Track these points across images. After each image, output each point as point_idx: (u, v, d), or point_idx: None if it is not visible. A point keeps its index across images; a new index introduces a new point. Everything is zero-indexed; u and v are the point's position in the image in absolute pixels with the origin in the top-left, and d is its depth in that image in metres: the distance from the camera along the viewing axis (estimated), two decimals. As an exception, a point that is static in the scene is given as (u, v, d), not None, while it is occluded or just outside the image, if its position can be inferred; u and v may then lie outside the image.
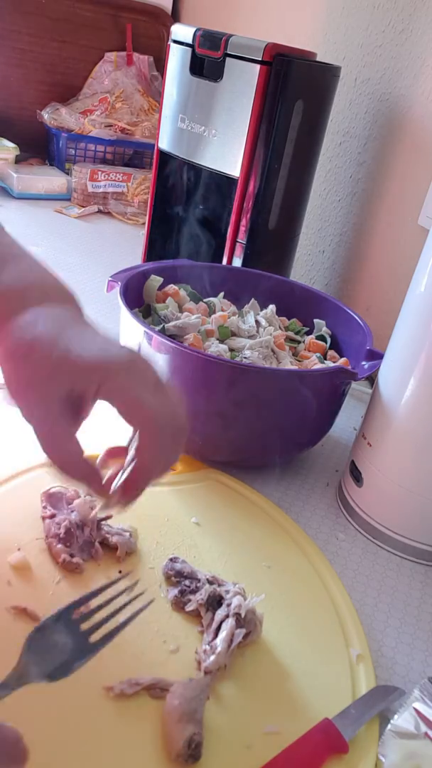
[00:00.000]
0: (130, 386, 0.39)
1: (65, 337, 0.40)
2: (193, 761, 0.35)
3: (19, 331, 0.40)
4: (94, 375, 0.38)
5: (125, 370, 0.39)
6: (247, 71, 0.77)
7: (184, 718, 0.37)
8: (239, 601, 0.44)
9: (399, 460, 0.56)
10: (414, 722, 0.41)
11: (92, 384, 0.38)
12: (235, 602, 0.44)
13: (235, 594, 0.45)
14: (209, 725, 0.38)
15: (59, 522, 0.49)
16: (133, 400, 0.38)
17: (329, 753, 0.38)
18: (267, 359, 0.65)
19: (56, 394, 0.38)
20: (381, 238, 0.93)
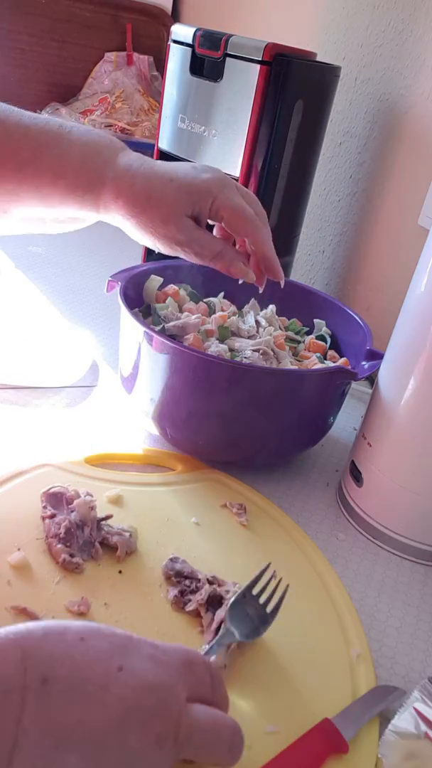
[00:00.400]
0: (231, 201, 0.51)
1: (163, 174, 0.51)
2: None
3: (128, 185, 0.50)
4: (204, 196, 0.51)
5: (224, 186, 0.52)
6: (247, 71, 0.77)
7: None
8: None
9: (399, 460, 0.56)
10: (414, 722, 0.41)
11: (207, 202, 0.51)
12: None
13: (235, 594, 0.45)
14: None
15: (59, 522, 0.49)
16: (238, 211, 0.52)
17: (329, 753, 0.38)
18: (267, 359, 0.65)
19: (185, 216, 0.51)
20: (381, 238, 0.93)
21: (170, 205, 0.50)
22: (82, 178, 0.50)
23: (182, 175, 0.51)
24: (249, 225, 0.52)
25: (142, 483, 0.58)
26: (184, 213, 0.51)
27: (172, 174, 0.51)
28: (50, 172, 0.49)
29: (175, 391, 0.59)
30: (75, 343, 0.80)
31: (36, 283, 0.96)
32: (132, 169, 0.51)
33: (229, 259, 0.53)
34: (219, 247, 0.53)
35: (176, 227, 0.51)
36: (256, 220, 0.52)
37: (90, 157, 0.50)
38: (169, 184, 0.50)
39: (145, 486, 0.58)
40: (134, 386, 0.63)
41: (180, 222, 0.51)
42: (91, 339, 0.83)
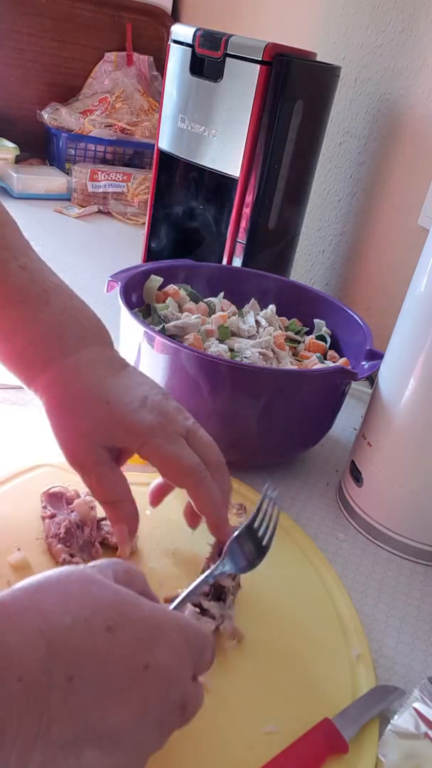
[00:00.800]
0: (167, 448, 0.43)
1: (106, 391, 0.43)
2: None
3: (63, 384, 0.44)
4: (134, 436, 0.43)
5: (161, 430, 0.43)
6: (247, 71, 0.77)
7: None
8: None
9: (399, 460, 0.56)
10: (414, 722, 0.41)
11: (134, 443, 0.43)
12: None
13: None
14: (209, 725, 0.38)
15: (59, 522, 0.49)
16: (171, 460, 0.43)
17: (329, 753, 0.38)
18: (267, 359, 0.65)
19: (101, 446, 0.43)
20: (381, 238, 0.93)
21: (89, 426, 0.43)
22: (27, 356, 0.44)
23: (124, 403, 0.43)
24: (185, 477, 0.43)
25: (143, 483, 0.58)
26: (102, 443, 0.43)
27: (114, 395, 0.43)
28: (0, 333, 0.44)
29: (175, 391, 0.59)
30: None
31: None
32: (78, 370, 0.44)
33: (120, 514, 0.44)
34: (118, 496, 0.44)
35: (86, 452, 0.43)
36: (196, 473, 0.43)
37: (47, 339, 0.44)
38: (102, 406, 0.43)
39: (145, 486, 0.57)
40: (134, 386, 0.63)
41: (92, 449, 0.43)
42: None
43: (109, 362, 0.46)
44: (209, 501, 0.44)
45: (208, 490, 0.44)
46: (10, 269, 0.45)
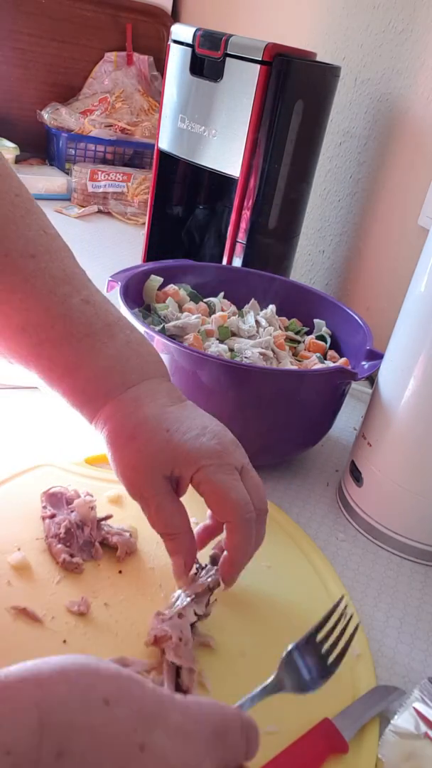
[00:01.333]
0: (218, 477, 0.42)
1: (166, 420, 0.43)
2: None
3: (124, 413, 0.44)
4: (191, 462, 0.42)
5: (217, 458, 0.42)
6: (247, 71, 0.77)
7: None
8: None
9: (399, 460, 0.56)
10: (414, 722, 0.41)
11: (190, 469, 0.42)
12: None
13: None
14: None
15: (59, 522, 0.49)
16: (221, 491, 0.42)
17: (329, 753, 0.38)
18: (267, 359, 0.65)
19: (160, 474, 0.42)
20: (381, 238, 0.93)
21: (149, 456, 0.42)
22: (90, 390, 0.45)
23: (183, 431, 0.43)
24: (231, 510, 0.42)
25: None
26: (161, 471, 0.42)
27: (175, 425, 0.43)
28: (63, 368, 0.44)
29: (175, 391, 0.59)
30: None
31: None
32: (139, 400, 0.44)
33: (178, 546, 0.43)
34: (177, 528, 0.43)
35: (146, 481, 0.42)
36: (243, 510, 0.42)
37: (110, 373, 0.44)
38: (162, 434, 0.42)
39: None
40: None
41: (152, 477, 0.42)
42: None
43: (168, 393, 0.46)
44: (243, 543, 0.42)
45: (247, 531, 0.42)
46: (73, 303, 0.45)
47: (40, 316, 0.44)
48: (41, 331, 0.44)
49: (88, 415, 0.45)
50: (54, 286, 0.45)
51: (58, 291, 0.45)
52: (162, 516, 0.43)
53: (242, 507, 0.42)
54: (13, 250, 0.44)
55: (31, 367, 0.45)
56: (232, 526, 0.42)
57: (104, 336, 0.45)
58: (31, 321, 0.44)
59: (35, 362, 0.45)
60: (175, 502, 0.43)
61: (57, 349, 0.44)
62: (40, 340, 0.44)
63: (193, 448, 0.42)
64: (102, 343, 0.45)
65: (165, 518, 0.43)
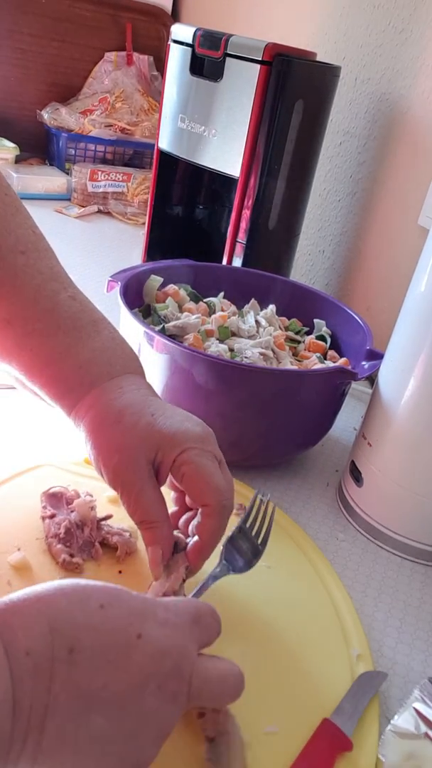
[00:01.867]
0: (202, 460, 0.42)
1: (150, 405, 0.44)
2: None
3: (108, 399, 0.44)
4: (176, 444, 0.42)
5: (201, 443, 0.43)
6: (247, 71, 0.77)
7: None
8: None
9: (399, 460, 0.56)
10: (414, 722, 0.41)
11: (174, 451, 0.42)
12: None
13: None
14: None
15: (59, 522, 0.49)
16: (204, 473, 0.42)
17: (336, 753, 0.38)
18: (267, 359, 0.65)
19: (144, 458, 0.42)
20: (381, 238, 0.93)
21: (134, 438, 0.42)
22: (73, 380, 0.45)
23: (167, 416, 0.44)
24: (212, 495, 0.42)
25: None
26: (145, 455, 0.42)
27: (159, 411, 0.44)
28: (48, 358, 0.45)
29: (175, 392, 0.59)
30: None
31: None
32: (123, 388, 0.45)
33: (156, 536, 0.43)
34: (157, 516, 0.42)
35: (129, 465, 0.42)
36: (223, 496, 0.42)
37: (95, 364, 0.46)
38: (147, 417, 0.43)
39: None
40: (134, 386, 0.63)
41: (135, 461, 0.42)
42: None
43: (148, 387, 0.47)
44: (218, 529, 0.43)
45: (222, 517, 0.43)
46: (60, 299, 0.47)
47: (27, 309, 0.45)
48: (28, 324, 0.45)
49: (67, 406, 0.46)
50: (42, 281, 0.46)
51: (46, 286, 0.46)
52: (143, 503, 0.42)
53: (222, 493, 0.42)
54: (4, 246, 0.45)
55: (12, 360, 0.46)
56: (210, 510, 0.42)
57: (90, 330, 0.47)
58: (18, 314, 0.45)
59: (17, 354, 0.45)
60: (156, 489, 0.43)
61: (43, 340, 0.45)
62: (26, 332, 0.45)
63: (178, 431, 0.43)
64: (88, 336, 0.46)
65: (146, 506, 0.42)
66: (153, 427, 0.43)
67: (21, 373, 0.46)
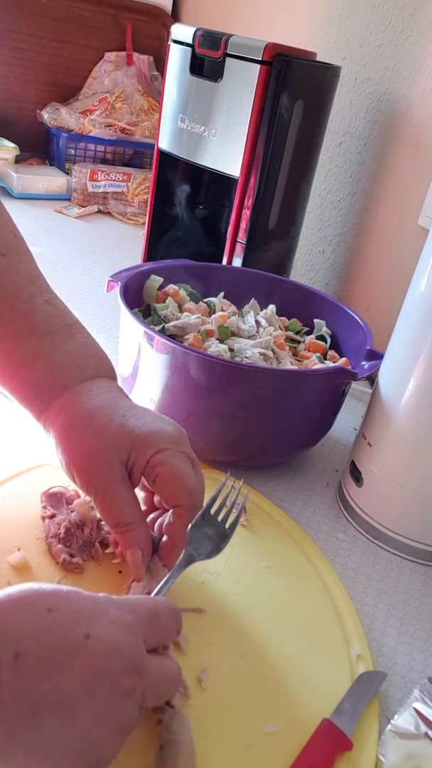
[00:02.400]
0: (175, 460, 0.43)
1: (121, 407, 0.44)
2: None
3: (78, 402, 0.44)
4: (149, 445, 0.42)
5: (175, 444, 0.43)
6: (247, 71, 0.77)
7: None
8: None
9: (399, 460, 0.56)
10: (414, 722, 0.41)
11: (148, 452, 0.42)
12: None
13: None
14: (209, 726, 0.38)
15: (59, 522, 0.49)
16: (178, 475, 0.42)
17: (336, 753, 0.38)
18: (267, 359, 0.65)
19: (117, 459, 0.42)
20: (381, 238, 0.93)
21: (106, 439, 0.42)
22: (44, 383, 0.46)
23: (139, 417, 0.44)
24: (186, 495, 0.42)
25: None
26: (118, 456, 0.42)
27: (130, 412, 0.44)
28: (19, 361, 0.46)
29: (175, 392, 0.59)
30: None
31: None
32: (93, 391, 0.45)
33: (134, 538, 0.42)
34: (132, 518, 0.42)
35: (101, 467, 0.42)
36: (196, 496, 0.43)
37: (67, 368, 0.46)
38: (118, 419, 0.43)
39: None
40: (134, 386, 0.63)
41: (108, 463, 0.42)
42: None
43: (119, 391, 0.48)
44: (185, 528, 0.43)
45: (192, 518, 0.43)
46: (36, 303, 0.47)
47: (2, 313, 0.46)
48: (1, 326, 0.45)
49: (36, 409, 0.46)
50: (20, 284, 0.47)
51: (24, 289, 0.47)
52: (117, 506, 0.42)
53: (195, 493, 0.43)
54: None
55: None
56: (182, 511, 0.43)
57: (64, 335, 0.47)
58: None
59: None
60: (130, 490, 0.43)
61: (15, 343, 0.45)
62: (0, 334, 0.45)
63: (151, 431, 0.43)
64: (61, 340, 0.47)
65: (120, 508, 0.42)
66: (125, 428, 0.43)
67: None
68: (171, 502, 0.43)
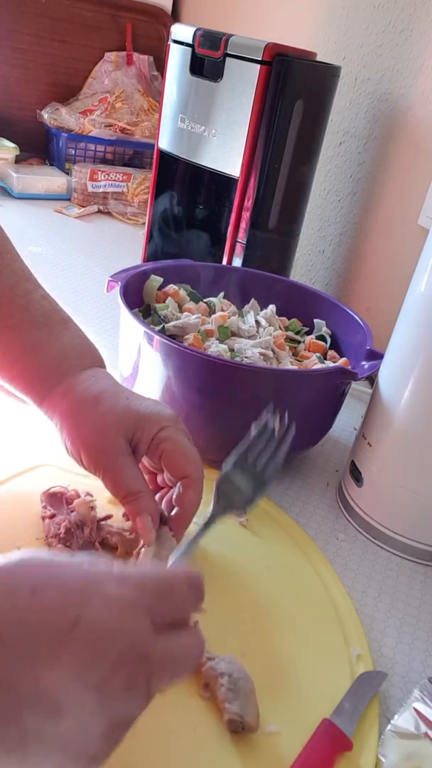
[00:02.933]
0: (179, 437, 0.46)
1: (124, 391, 0.48)
2: None
3: (83, 386, 0.47)
4: (153, 423, 0.46)
5: (174, 422, 0.47)
6: (247, 71, 0.77)
7: None
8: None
9: (399, 460, 0.56)
10: (414, 722, 0.41)
11: (152, 430, 0.46)
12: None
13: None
14: (210, 725, 0.38)
15: (59, 522, 0.49)
16: (182, 448, 0.46)
17: (336, 753, 0.38)
18: (267, 359, 0.65)
19: (123, 436, 0.45)
20: (381, 238, 0.93)
21: (114, 417, 0.45)
22: (46, 371, 0.48)
23: (141, 400, 0.47)
24: (191, 466, 0.46)
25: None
26: (124, 433, 0.45)
27: (132, 396, 0.48)
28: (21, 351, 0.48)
29: (175, 391, 0.59)
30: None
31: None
32: (95, 377, 0.48)
33: (143, 505, 0.45)
34: (141, 487, 0.45)
35: (110, 443, 0.45)
36: (198, 466, 0.46)
37: (67, 357, 0.49)
38: (123, 401, 0.46)
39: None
40: (134, 386, 0.63)
41: (115, 439, 0.45)
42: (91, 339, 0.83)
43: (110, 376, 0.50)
44: (197, 498, 0.46)
45: (200, 488, 0.46)
46: (33, 298, 0.50)
47: (3, 307, 0.48)
48: (2, 319, 0.48)
49: (38, 396, 0.48)
50: (16, 281, 0.50)
51: (20, 285, 0.50)
52: (125, 478, 0.45)
53: (199, 465, 0.47)
54: None
55: None
56: (189, 481, 0.46)
57: (61, 327, 0.50)
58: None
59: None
60: (135, 465, 0.46)
61: (16, 334, 0.48)
62: (0, 327, 0.48)
63: (153, 412, 0.46)
64: (59, 332, 0.50)
65: (128, 480, 0.45)
66: (130, 408, 0.46)
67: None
68: (179, 474, 0.46)
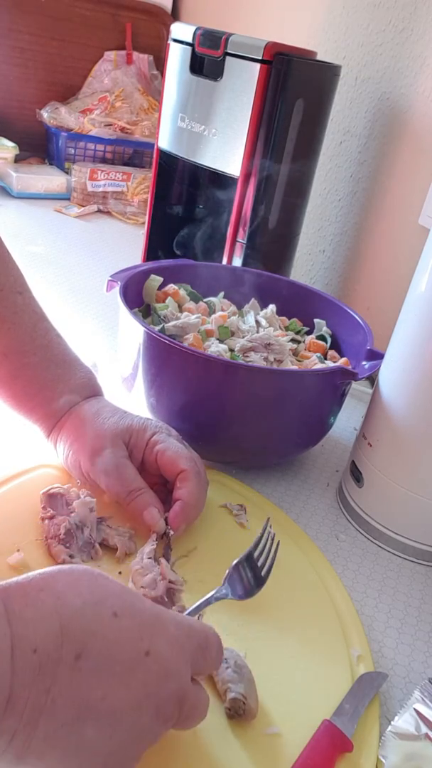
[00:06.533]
0: (170, 439, 0.53)
1: (120, 410, 0.54)
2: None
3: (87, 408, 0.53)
4: (146, 429, 0.52)
5: (167, 431, 0.54)
6: (247, 70, 0.77)
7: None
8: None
9: (399, 460, 0.56)
10: (414, 723, 0.41)
11: (146, 435, 0.52)
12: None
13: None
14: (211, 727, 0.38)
15: (59, 523, 0.49)
16: (174, 447, 0.52)
17: (337, 754, 0.38)
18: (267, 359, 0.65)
19: (121, 439, 0.51)
20: (381, 238, 0.93)
21: (112, 425, 0.52)
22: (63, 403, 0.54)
23: (134, 415, 0.54)
24: (185, 461, 0.51)
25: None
26: (122, 437, 0.51)
27: (127, 413, 0.54)
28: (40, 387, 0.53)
29: (175, 392, 0.59)
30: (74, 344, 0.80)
31: (36, 283, 0.96)
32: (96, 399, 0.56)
33: (147, 500, 0.50)
34: (142, 484, 0.51)
35: (109, 443, 0.51)
36: (193, 461, 0.52)
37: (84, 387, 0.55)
38: (120, 413, 0.53)
39: (144, 486, 0.57)
40: (134, 386, 0.63)
41: (114, 440, 0.51)
42: (91, 339, 0.83)
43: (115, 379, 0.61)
44: (196, 489, 0.51)
45: (198, 480, 0.51)
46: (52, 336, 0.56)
47: (24, 345, 0.53)
48: (23, 357, 0.53)
49: (47, 428, 0.54)
50: (37, 320, 0.54)
51: (40, 325, 0.55)
52: (126, 477, 0.50)
53: (193, 461, 0.52)
54: (6, 286, 0.53)
55: (2, 388, 0.53)
56: (186, 474, 0.51)
57: (75, 364, 0.56)
58: (13, 348, 0.52)
59: (11, 384, 0.53)
60: (133, 466, 0.51)
61: (36, 373, 0.53)
62: (22, 364, 0.53)
63: (145, 422, 0.53)
64: (73, 369, 0.55)
65: (129, 479, 0.50)
66: (125, 420, 0.53)
67: (6, 400, 0.54)
68: (175, 470, 0.51)
